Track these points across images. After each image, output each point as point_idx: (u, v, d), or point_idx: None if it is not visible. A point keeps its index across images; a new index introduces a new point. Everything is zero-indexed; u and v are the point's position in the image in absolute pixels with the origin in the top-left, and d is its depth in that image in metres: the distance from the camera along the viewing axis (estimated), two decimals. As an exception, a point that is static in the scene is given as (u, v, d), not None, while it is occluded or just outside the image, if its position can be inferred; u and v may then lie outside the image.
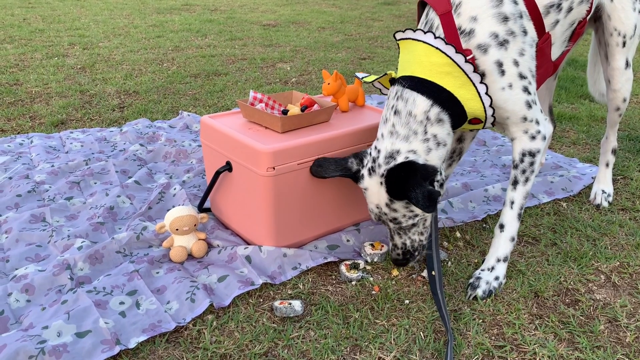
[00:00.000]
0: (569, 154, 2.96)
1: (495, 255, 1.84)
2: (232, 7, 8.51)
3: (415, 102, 1.65)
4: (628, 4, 2.04)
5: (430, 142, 1.67)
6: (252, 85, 4.23)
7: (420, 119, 1.65)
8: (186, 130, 3.25)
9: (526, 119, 1.74)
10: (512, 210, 1.82)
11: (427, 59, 1.64)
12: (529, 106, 1.73)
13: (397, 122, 1.67)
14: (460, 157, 2.14)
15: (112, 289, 1.74)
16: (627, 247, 2.07)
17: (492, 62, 1.64)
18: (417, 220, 1.75)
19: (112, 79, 4.33)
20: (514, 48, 1.65)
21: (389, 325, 1.65)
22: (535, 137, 1.76)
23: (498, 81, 1.67)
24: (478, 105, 1.68)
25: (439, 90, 1.64)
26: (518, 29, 1.66)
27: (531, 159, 1.78)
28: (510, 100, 1.69)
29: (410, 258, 1.82)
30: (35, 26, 6.38)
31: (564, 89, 4.14)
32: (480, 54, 1.64)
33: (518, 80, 1.68)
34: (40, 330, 1.53)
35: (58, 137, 3.08)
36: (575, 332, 1.63)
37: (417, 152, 1.67)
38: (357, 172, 1.78)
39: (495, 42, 1.63)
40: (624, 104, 2.27)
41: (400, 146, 1.67)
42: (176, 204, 2.30)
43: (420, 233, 1.80)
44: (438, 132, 1.67)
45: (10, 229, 2.08)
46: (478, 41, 1.63)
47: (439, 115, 1.66)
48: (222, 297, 1.74)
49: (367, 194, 1.76)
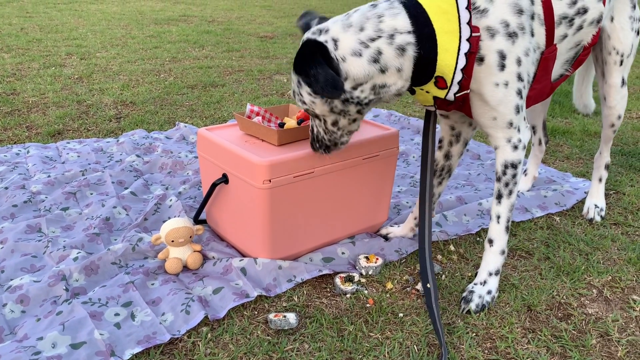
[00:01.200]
0: (563, 169, 2.98)
1: (486, 269, 1.86)
2: (229, 19, 8.56)
3: (397, 16, 1.52)
4: (627, 24, 2.07)
5: (368, 51, 1.51)
6: (249, 97, 4.26)
7: (382, 28, 1.51)
8: (183, 141, 3.26)
9: (512, 124, 1.70)
10: (500, 225, 1.82)
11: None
12: (517, 111, 1.68)
13: (361, 11, 1.56)
14: (449, 175, 2.13)
15: (107, 300, 1.74)
16: (619, 262, 2.09)
17: (496, 51, 1.57)
18: (305, 109, 1.67)
19: (109, 89, 4.35)
20: (521, 45, 1.59)
21: (383, 339, 1.66)
22: (517, 147, 1.74)
23: (495, 74, 1.59)
24: (451, 62, 1.55)
25: (426, 23, 1.52)
26: (528, 27, 1.61)
27: (513, 171, 1.77)
28: (502, 100, 1.63)
29: (317, 144, 1.78)
30: (32, 36, 6.40)
31: (558, 104, 4.18)
32: (486, 37, 1.55)
33: (516, 80, 1.62)
34: (35, 341, 1.54)
35: (54, 147, 3.09)
36: (568, 346, 1.64)
37: (339, 44, 1.52)
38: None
39: (504, 30, 1.56)
40: (618, 121, 2.30)
41: (333, 28, 1.54)
42: (172, 215, 2.31)
43: (324, 130, 1.72)
44: (387, 54, 1.52)
45: (5, 239, 2.08)
46: (488, 23, 1.55)
47: (406, 44, 1.52)
48: (217, 309, 1.75)
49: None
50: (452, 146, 2.05)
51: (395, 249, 2.10)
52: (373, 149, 2.04)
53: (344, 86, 1.53)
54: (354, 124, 1.74)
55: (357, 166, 2.02)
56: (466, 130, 2.02)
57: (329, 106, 1.63)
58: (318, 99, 1.61)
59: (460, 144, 2.05)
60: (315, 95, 1.60)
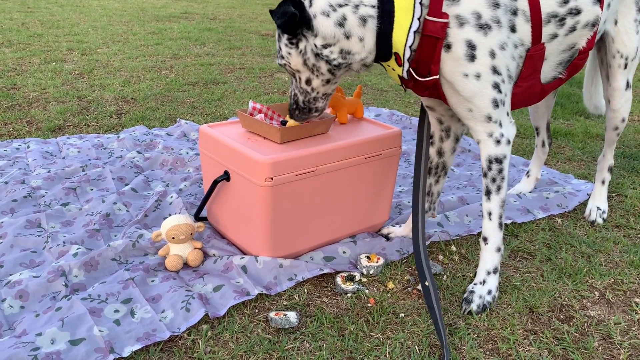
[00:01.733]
0: (564, 170, 2.98)
1: (484, 268, 1.84)
2: (231, 17, 8.55)
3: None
4: (631, 27, 2.06)
5: (335, 14, 1.61)
6: (250, 95, 4.25)
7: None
8: (184, 138, 3.25)
9: (491, 118, 1.69)
10: (492, 222, 1.81)
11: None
12: (496, 105, 1.67)
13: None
14: (445, 172, 2.11)
15: (107, 296, 1.73)
16: (621, 264, 2.08)
17: (463, 40, 1.58)
18: (283, 63, 1.75)
19: (110, 85, 4.34)
20: (495, 38, 1.59)
21: (384, 339, 1.65)
22: (500, 141, 1.73)
23: (463, 65, 1.60)
24: (402, 39, 1.60)
25: (388, 1, 1.58)
26: (506, 22, 1.61)
27: (499, 166, 1.75)
28: (477, 93, 1.63)
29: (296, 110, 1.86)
30: (33, 31, 6.38)
31: (560, 106, 4.17)
32: (455, 25, 1.57)
33: (489, 73, 1.61)
34: (33, 337, 1.53)
35: (55, 142, 3.07)
36: (570, 348, 1.63)
37: (313, 2, 1.62)
38: None
39: (475, 21, 1.57)
40: (622, 124, 2.29)
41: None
42: (173, 212, 2.30)
43: (299, 90, 1.80)
44: (351, 21, 1.61)
45: (5, 234, 2.07)
46: (459, 11, 1.57)
47: (367, 16, 1.60)
48: (217, 307, 1.74)
49: None
50: (444, 142, 2.04)
51: (397, 248, 2.09)
52: (375, 148, 2.03)
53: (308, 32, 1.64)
54: (327, 86, 1.80)
55: (359, 165, 2.01)
56: (455, 125, 2.01)
57: (302, 58, 1.71)
58: (294, 50, 1.70)
59: (451, 140, 2.03)
60: (291, 46, 1.69)
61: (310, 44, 1.66)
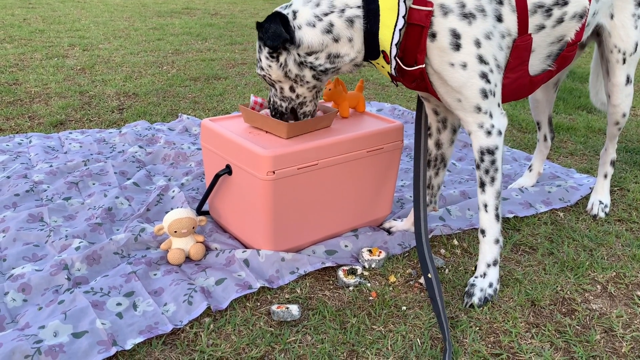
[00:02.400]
0: (567, 165, 2.97)
1: (484, 261, 1.84)
2: (232, 12, 8.53)
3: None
4: (629, 22, 2.05)
5: (321, 23, 1.64)
6: (252, 90, 4.24)
7: (335, 4, 1.63)
8: (185, 133, 3.25)
9: (480, 109, 1.68)
10: (488, 214, 1.80)
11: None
12: (485, 95, 1.66)
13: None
14: (445, 164, 2.10)
15: (109, 290, 1.74)
16: (623, 258, 2.08)
17: (448, 29, 1.58)
18: (263, 74, 1.78)
19: (112, 80, 4.34)
20: (480, 27, 1.59)
21: (386, 331, 1.65)
22: (491, 132, 1.72)
23: (449, 54, 1.60)
24: (388, 37, 1.61)
25: (373, 0, 1.60)
26: (491, 11, 1.61)
27: (491, 157, 1.74)
28: (464, 83, 1.63)
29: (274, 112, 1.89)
30: (35, 26, 6.38)
31: (562, 100, 4.16)
32: (439, 14, 1.58)
33: (476, 62, 1.61)
34: (36, 329, 1.53)
35: (57, 137, 3.08)
36: (572, 341, 1.63)
37: (297, 15, 1.66)
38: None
39: (459, 10, 1.57)
40: (623, 119, 2.28)
41: (296, 3, 1.68)
42: (175, 206, 2.30)
43: (280, 98, 1.83)
44: (338, 26, 1.64)
45: (7, 228, 2.08)
46: (443, 0, 1.58)
47: (354, 17, 1.62)
48: (220, 300, 1.74)
49: None
50: (441, 133, 2.03)
51: (398, 242, 2.09)
52: (377, 142, 2.03)
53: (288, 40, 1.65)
54: (314, 91, 1.83)
55: (361, 159, 2.01)
56: (451, 116, 2.01)
57: (283, 71, 1.73)
58: (274, 63, 1.72)
59: (449, 131, 2.03)
60: (271, 59, 1.72)
61: (292, 55, 1.69)
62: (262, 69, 1.76)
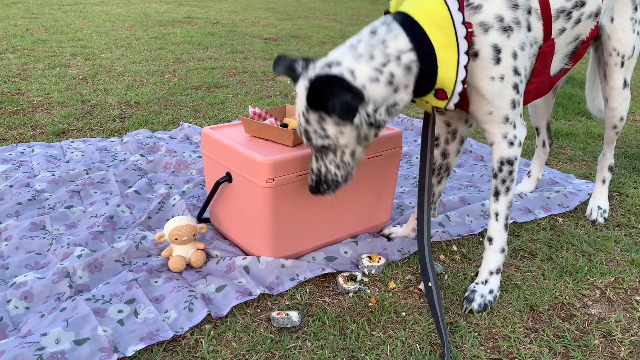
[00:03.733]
0: (566, 170, 2.98)
1: (487, 268, 1.86)
2: (233, 21, 8.59)
3: (398, 37, 1.55)
4: (628, 25, 2.07)
5: (382, 75, 1.55)
6: (253, 98, 4.27)
7: (389, 52, 1.55)
8: (186, 141, 3.27)
9: (507, 119, 1.70)
10: (498, 222, 1.83)
11: (430, 6, 1.56)
12: (513, 106, 1.69)
13: (365, 40, 1.57)
14: (448, 174, 2.12)
15: (110, 297, 1.75)
16: (622, 263, 2.09)
17: (490, 45, 1.58)
18: (327, 144, 1.62)
19: (114, 89, 4.37)
20: (516, 39, 1.60)
21: (386, 337, 1.66)
22: (513, 143, 1.74)
23: (490, 68, 1.60)
24: (451, 75, 1.57)
25: (424, 40, 1.55)
26: (524, 21, 1.62)
27: (510, 167, 1.77)
28: (498, 94, 1.64)
29: (320, 188, 1.74)
30: (37, 36, 6.43)
31: (562, 106, 4.18)
32: (480, 32, 1.58)
33: (512, 74, 1.63)
34: (38, 337, 1.54)
35: (59, 146, 3.10)
36: (570, 346, 1.64)
37: (356, 74, 1.54)
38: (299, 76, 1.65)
39: (499, 25, 1.57)
40: (620, 123, 2.30)
41: (346, 61, 1.55)
42: (175, 214, 2.32)
43: (336, 166, 1.69)
44: (398, 75, 1.56)
45: (10, 237, 2.10)
46: (482, 18, 1.57)
47: (411, 62, 1.56)
48: (220, 307, 1.75)
49: (296, 101, 1.65)
50: (449, 144, 2.05)
51: (398, 248, 2.10)
52: (376, 148, 2.04)
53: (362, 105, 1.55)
54: (364, 152, 1.74)
55: (360, 166, 2.02)
56: (462, 127, 2.02)
57: (357, 132, 1.61)
58: (347, 127, 1.58)
59: (457, 142, 2.05)
60: (343, 124, 1.57)
61: (362, 116, 1.57)
62: (327, 137, 1.60)
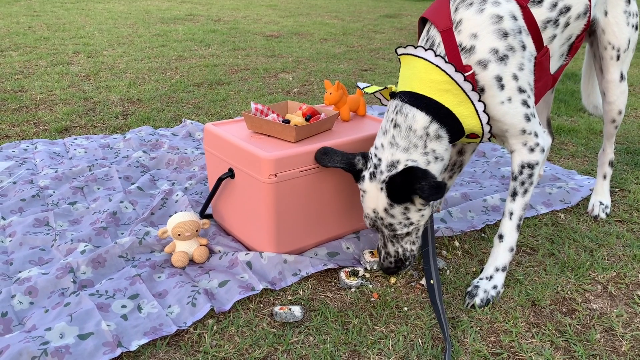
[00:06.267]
0: (568, 166, 2.98)
1: (494, 264, 1.86)
2: (235, 18, 8.59)
3: (415, 117, 1.68)
4: (622, 18, 2.08)
5: (430, 155, 1.70)
6: (255, 95, 4.28)
7: (420, 134, 1.68)
8: (189, 138, 3.28)
9: (525, 131, 1.77)
10: (511, 222, 1.85)
11: (427, 76, 1.68)
12: (528, 119, 1.75)
13: (397, 135, 1.70)
14: (460, 170, 2.17)
15: (114, 292, 1.76)
16: (623, 258, 2.09)
17: (492, 77, 1.67)
18: (411, 229, 1.78)
19: (116, 86, 4.38)
20: (513, 63, 1.68)
21: (388, 332, 1.67)
22: (534, 150, 1.79)
23: (497, 95, 1.70)
24: (476, 122, 1.72)
25: (438, 107, 1.67)
26: (517, 44, 1.69)
27: (530, 171, 1.81)
28: (509, 113, 1.72)
29: (401, 266, 1.85)
30: (40, 34, 6.44)
31: (564, 102, 4.18)
32: (480, 70, 1.67)
33: (517, 94, 1.71)
34: (43, 331, 1.55)
35: (62, 143, 3.11)
36: (572, 340, 1.65)
37: (417, 161, 1.70)
38: (360, 172, 1.80)
39: (495, 57, 1.66)
40: (619, 116, 2.30)
41: (400, 156, 1.70)
42: (178, 210, 2.33)
43: (412, 242, 1.83)
44: (437, 147, 1.71)
45: (14, 233, 2.11)
46: (478, 57, 1.66)
47: (437, 131, 1.69)
48: (223, 302, 1.76)
49: (365, 197, 1.78)
50: (464, 143, 2.06)
51: (400, 244, 2.11)
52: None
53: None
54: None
55: (362, 161, 2.03)
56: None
57: (431, 208, 1.81)
58: (427, 209, 1.76)
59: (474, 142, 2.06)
60: (423, 207, 1.74)
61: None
62: (412, 224, 1.76)
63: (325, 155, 1.85)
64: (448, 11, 1.70)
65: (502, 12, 1.67)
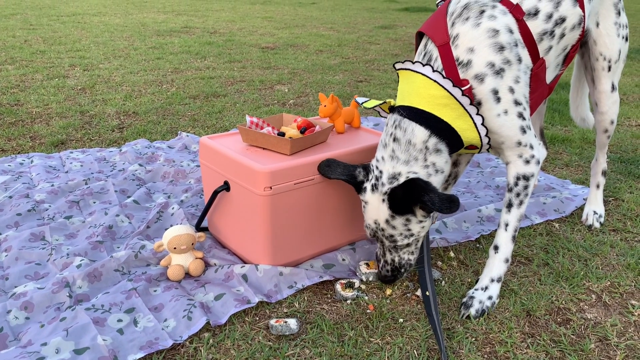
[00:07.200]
0: (562, 176, 3.00)
1: (489, 275, 1.87)
2: (231, 30, 8.63)
3: (414, 131, 1.70)
4: (613, 30, 2.11)
5: (430, 168, 1.73)
6: (250, 107, 4.29)
7: (419, 148, 1.71)
8: (185, 150, 3.29)
9: (520, 143, 1.79)
10: (507, 233, 1.86)
11: (426, 91, 1.70)
12: (524, 131, 1.78)
13: (397, 148, 1.72)
14: (455, 181, 2.18)
15: (110, 306, 1.76)
16: (617, 267, 2.10)
17: (489, 91, 1.70)
18: (411, 240, 1.80)
19: (112, 99, 4.39)
20: (509, 76, 1.71)
21: (384, 344, 1.67)
22: (530, 162, 1.81)
23: (494, 108, 1.72)
24: (474, 135, 1.74)
25: (436, 121, 1.70)
26: (513, 57, 1.71)
27: (525, 183, 1.83)
28: (505, 125, 1.75)
29: (398, 275, 1.87)
30: (36, 48, 6.47)
31: (558, 112, 4.21)
32: (477, 84, 1.69)
33: (513, 106, 1.73)
34: (39, 347, 1.55)
35: (58, 157, 3.12)
36: (567, 350, 1.65)
37: (418, 174, 1.72)
38: (361, 184, 1.82)
39: (491, 71, 1.68)
40: (611, 126, 2.32)
41: (401, 169, 1.72)
42: (174, 223, 2.33)
43: (411, 253, 1.84)
44: (436, 160, 1.73)
45: (10, 247, 2.11)
46: (475, 71, 1.68)
47: (436, 145, 1.71)
48: (219, 315, 1.76)
49: (367, 208, 1.80)
50: (461, 155, 2.08)
51: (396, 255, 2.11)
52: (372, 156, 2.06)
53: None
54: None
55: (357, 173, 2.04)
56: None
57: (432, 219, 1.83)
58: (427, 220, 1.79)
59: (469, 154, 2.08)
60: (424, 219, 1.77)
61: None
62: (412, 235, 1.79)
63: (328, 167, 1.88)
64: (445, 26, 1.73)
65: (498, 26, 1.69)
